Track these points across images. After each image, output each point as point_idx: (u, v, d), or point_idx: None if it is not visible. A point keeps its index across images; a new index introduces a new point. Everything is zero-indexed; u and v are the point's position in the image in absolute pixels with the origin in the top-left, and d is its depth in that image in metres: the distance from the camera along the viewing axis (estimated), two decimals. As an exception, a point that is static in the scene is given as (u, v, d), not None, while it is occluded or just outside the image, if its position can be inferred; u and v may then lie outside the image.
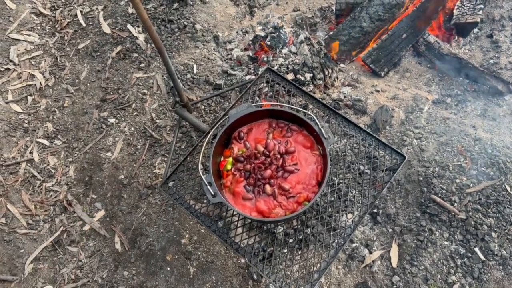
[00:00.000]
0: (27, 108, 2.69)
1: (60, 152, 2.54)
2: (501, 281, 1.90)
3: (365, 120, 2.51)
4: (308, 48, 2.57)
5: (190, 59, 2.78)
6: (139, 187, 2.40)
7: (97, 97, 2.72)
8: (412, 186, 2.15)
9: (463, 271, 1.93)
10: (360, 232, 2.08)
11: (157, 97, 2.69)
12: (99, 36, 2.98)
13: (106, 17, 3.07)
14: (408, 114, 2.48)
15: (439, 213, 2.03)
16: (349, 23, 2.90)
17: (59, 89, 2.77)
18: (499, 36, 2.95)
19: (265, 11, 3.22)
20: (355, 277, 1.98)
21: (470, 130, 2.31)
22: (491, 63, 2.86)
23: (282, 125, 1.67)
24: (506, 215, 2.00)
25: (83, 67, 2.85)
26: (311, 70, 2.53)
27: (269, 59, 2.64)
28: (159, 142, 2.52)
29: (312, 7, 3.26)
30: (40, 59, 2.89)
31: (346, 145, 2.07)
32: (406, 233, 2.04)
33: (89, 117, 2.64)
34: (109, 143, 2.55)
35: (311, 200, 1.47)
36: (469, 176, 2.11)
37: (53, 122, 2.64)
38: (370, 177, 1.74)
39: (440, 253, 1.97)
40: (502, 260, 1.94)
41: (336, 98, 2.60)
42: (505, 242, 1.97)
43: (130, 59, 2.84)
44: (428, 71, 2.88)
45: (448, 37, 3.00)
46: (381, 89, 2.69)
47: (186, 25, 2.91)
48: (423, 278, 1.93)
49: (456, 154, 2.19)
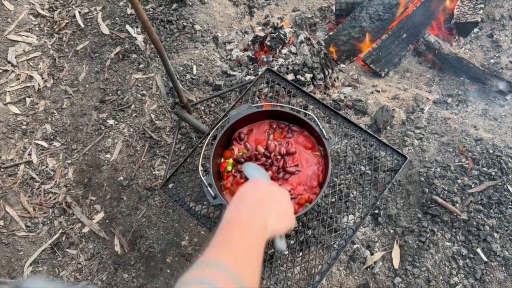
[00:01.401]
0: (25, 109, 2.67)
1: (59, 154, 2.53)
2: (504, 282, 1.89)
3: (365, 121, 2.49)
4: (308, 48, 2.56)
5: (190, 59, 2.77)
6: (138, 189, 2.38)
7: (96, 98, 2.70)
8: (414, 186, 2.14)
9: (465, 272, 1.91)
10: (362, 233, 2.07)
11: (156, 98, 2.67)
12: (98, 37, 2.96)
13: (105, 17, 3.05)
14: (409, 114, 2.47)
15: (441, 214, 2.01)
16: (349, 23, 2.89)
17: (57, 91, 2.75)
18: (500, 35, 2.94)
19: (264, 11, 3.21)
20: (356, 278, 1.97)
21: (472, 130, 2.30)
22: (492, 62, 2.84)
23: (283, 126, 1.65)
24: (508, 215, 1.99)
25: (82, 68, 2.84)
26: (311, 71, 2.52)
27: (269, 59, 2.62)
28: (158, 143, 2.51)
29: (312, 7, 3.24)
30: (38, 60, 2.88)
31: (347, 146, 2.05)
32: (408, 234, 2.02)
33: (88, 119, 2.63)
34: (108, 145, 2.53)
35: (313, 202, 1.45)
36: (471, 176, 2.10)
37: (51, 124, 2.62)
38: (371, 177, 1.73)
39: (442, 254, 1.96)
40: (505, 261, 1.92)
41: (337, 99, 2.58)
42: (507, 242, 1.95)
43: (129, 60, 2.83)
44: (429, 71, 2.87)
45: (448, 37, 2.99)
46: (381, 89, 2.68)
47: (185, 26, 2.90)
48: (425, 279, 1.92)
49: (457, 155, 2.18)
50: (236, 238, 0.77)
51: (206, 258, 0.72)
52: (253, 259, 0.76)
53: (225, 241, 0.77)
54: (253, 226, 0.81)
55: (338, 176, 1.78)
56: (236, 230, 0.79)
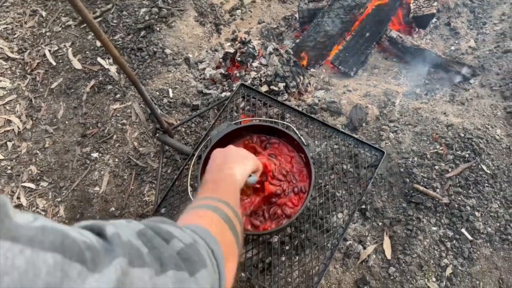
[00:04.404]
0: (8, 154, 2.68)
1: (47, 193, 2.54)
2: (490, 257, 1.99)
3: (341, 121, 2.59)
4: (277, 59, 2.65)
5: (165, 83, 2.83)
6: (131, 217, 2.41)
7: (77, 133, 2.73)
8: (395, 178, 2.23)
9: (454, 253, 2.01)
10: (352, 229, 2.15)
11: (137, 126, 2.72)
12: (71, 72, 3.00)
13: (75, 53, 3.09)
14: (382, 109, 2.58)
15: (424, 201, 2.11)
16: (313, 29, 3.00)
17: (38, 131, 2.77)
18: (456, 23, 3.09)
19: (231, 27, 3.30)
20: (353, 273, 2.04)
21: (442, 117, 2.41)
22: (453, 49, 2.99)
23: (264, 138, 1.72)
24: (486, 193, 2.10)
25: (59, 105, 2.86)
26: (283, 80, 2.61)
27: (241, 74, 2.70)
28: (144, 169, 2.55)
29: (276, 17, 3.35)
30: (14, 103, 2.89)
31: (327, 147, 2.13)
32: (396, 224, 2.11)
33: (72, 155, 2.65)
34: (96, 178, 2.56)
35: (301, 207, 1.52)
36: (447, 161, 2.21)
37: (36, 165, 2.64)
38: (354, 175, 1.81)
39: (430, 239, 2.05)
40: (489, 237, 2.03)
41: (311, 103, 2.67)
42: (489, 219, 2.06)
43: (105, 91, 2.87)
44: (395, 65, 2.99)
45: (409, 30, 3.13)
46: (352, 89, 2.78)
47: (156, 51, 2.96)
48: (417, 265, 2.01)
49: (431, 142, 2.29)
50: (212, 187, 0.99)
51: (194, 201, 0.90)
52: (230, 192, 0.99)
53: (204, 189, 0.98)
54: (223, 178, 1.04)
55: (323, 178, 1.86)
56: (211, 184, 1.01)
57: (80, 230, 0.48)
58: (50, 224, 0.43)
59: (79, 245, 0.43)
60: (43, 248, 0.39)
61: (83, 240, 0.45)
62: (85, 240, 0.45)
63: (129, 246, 0.49)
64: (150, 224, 0.59)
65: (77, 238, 0.44)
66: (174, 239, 0.58)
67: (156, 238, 0.55)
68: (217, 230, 0.73)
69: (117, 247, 0.47)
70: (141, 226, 0.56)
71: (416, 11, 3.01)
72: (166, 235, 0.58)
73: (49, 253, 0.39)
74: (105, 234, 0.49)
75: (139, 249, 0.50)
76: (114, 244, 0.48)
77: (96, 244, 0.46)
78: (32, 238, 0.39)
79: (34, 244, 0.39)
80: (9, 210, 0.41)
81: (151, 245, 0.53)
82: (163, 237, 0.57)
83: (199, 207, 0.84)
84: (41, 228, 0.41)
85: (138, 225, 0.57)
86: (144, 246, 0.52)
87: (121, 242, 0.48)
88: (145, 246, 0.52)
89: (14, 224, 0.40)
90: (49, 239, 0.41)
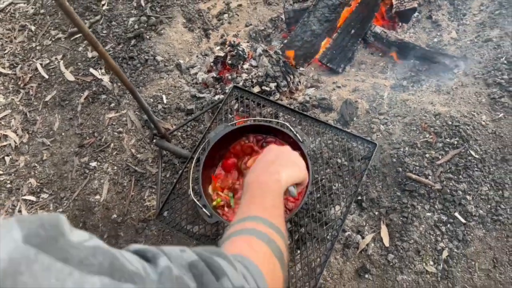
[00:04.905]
0: (6, 168, 2.71)
1: (48, 204, 2.58)
2: (484, 238, 2.07)
3: (333, 116, 2.66)
4: (267, 60, 2.71)
5: (158, 90, 2.88)
6: (133, 223, 2.46)
7: (74, 144, 2.77)
8: (388, 168, 2.31)
9: (449, 236, 2.09)
10: (350, 220, 2.22)
11: (133, 133, 2.76)
12: (64, 84, 3.03)
13: (67, 65, 3.13)
14: (371, 103, 2.65)
15: (417, 188, 2.19)
16: (300, 29, 3.07)
17: (35, 144, 2.80)
18: (438, 15, 3.18)
19: (219, 31, 3.35)
20: (353, 263, 2.11)
21: (429, 107, 2.49)
22: (436, 41, 3.08)
23: (260, 138, 1.78)
24: (475, 177, 2.18)
25: (55, 118, 2.90)
26: (274, 80, 2.67)
27: (233, 76, 2.76)
28: (144, 175, 2.59)
29: (263, 20, 3.41)
30: (9, 118, 2.92)
31: (321, 143, 2.20)
32: (391, 212, 2.19)
33: (71, 165, 2.69)
34: (96, 186, 2.60)
35: (300, 203, 1.58)
36: (437, 149, 2.29)
37: (35, 177, 2.67)
38: (348, 168, 1.88)
39: (425, 224, 2.13)
40: (481, 219, 2.11)
41: (303, 101, 2.74)
42: (480, 202, 2.14)
43: (99, 101, 2.91)
44: (381, 60, 3.07)
45: (392, 25, 3.22)
46: (341, 85, 2.86)
47: (147, 59, 3.01)
48: (415, 250, 2.08)
49: (421, 132, 2.37)
50: (259, 195, 0.96)
51: (241, 214, 0.89)
52: (277, 206, 0.94)
53: (251, 200, 0.96)
54: (268, 182, 1.00)
55: (318, 172, 1.92)
56: (257, 189, 0.98)
57: (130, 255, 0.50)
58: (101, 245, 0.46)
59: (128, 269, 0.46)
60: (91, 271, 0.41)
61: (131, 269, 0.46)
62: (133, 269, 0.46)
63: (179, 282, 0.51)
64: (203, 256, 0.60)
65: (125, 264, 0.46)
66: (224, 278, 0.58)
67: (207, 274, 0.56)
68: (269, 268, 0.73)
69: (166, 282, 0.49)
70: (194, 257, 0.58)
71: (399, 6, 3.09)
72: (218, 271, 0.58)
73: (96, 277, 0.41)
74: (158, 264, 0.51)
75: (189, 286, 0.52)
76: (164, 278, 0.49)
77: (143, 274, 0.47)
78: (82, 260, 0.42)
79: (82, 268, 0.41)
80: (64, 228, 0.44)
81: (200, 281, 0.54)
82: (214, 273, 0.57)
83: (252, 232, 0.81)
84: (93, 249, 0.44)
85: (191, 255, 0.58)
86: (193, 280, 0.53)
87: (171, 277, 0.50)
88: (194, 281, 0.53)
89: (67, 243, 0.42)
90: (98, 261, 0.43)
